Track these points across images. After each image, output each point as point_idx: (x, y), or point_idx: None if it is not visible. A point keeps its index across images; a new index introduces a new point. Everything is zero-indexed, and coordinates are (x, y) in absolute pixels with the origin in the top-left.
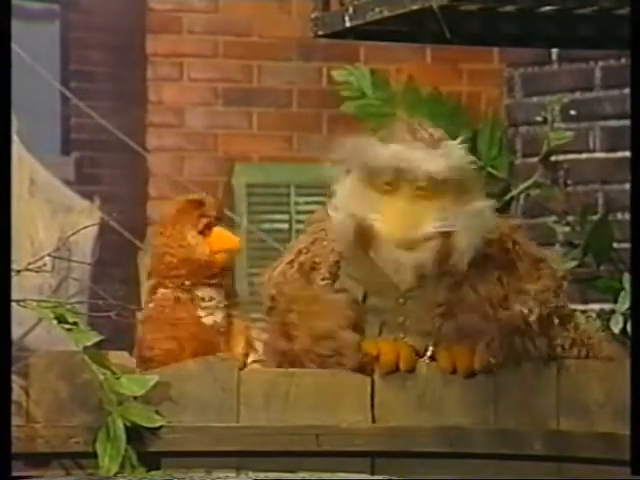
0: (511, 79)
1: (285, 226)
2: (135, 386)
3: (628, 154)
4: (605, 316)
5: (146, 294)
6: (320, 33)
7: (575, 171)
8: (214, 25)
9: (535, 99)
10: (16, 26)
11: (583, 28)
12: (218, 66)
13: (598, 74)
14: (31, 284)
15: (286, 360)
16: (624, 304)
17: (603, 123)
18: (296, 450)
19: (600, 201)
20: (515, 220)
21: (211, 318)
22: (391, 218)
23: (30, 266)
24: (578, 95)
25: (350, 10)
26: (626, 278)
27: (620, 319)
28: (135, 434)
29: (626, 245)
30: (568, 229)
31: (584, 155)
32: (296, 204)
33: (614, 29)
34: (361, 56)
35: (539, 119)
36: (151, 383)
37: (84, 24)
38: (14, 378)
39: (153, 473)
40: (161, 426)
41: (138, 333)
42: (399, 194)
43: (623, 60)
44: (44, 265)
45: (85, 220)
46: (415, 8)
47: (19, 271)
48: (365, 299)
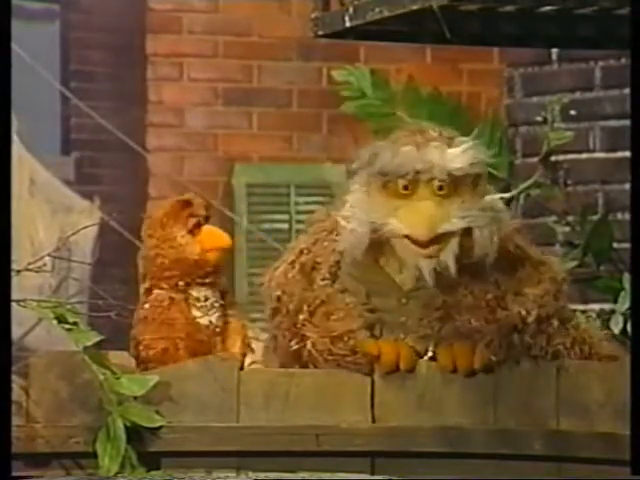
0: (511, 79)
1: (285, 226)
2: (135, 386)
3: (628, 154)
4: (605, 316)
5: (141, 296)
6: (320, 33)
7: (575, 171)
8: (214, 25)
9: (535, 99)
10: (16, 26)
11: (583, 28)
12: (218, 66)
13: (598, 74)
14: (31, 284)
15: (297, 360)
16: (624, 304)
17: (603, 123)
18: (296, 450)
19: (600, 201)
20: (516, 222)
21: (206, 318)
22: (412, 220)
23: (30, 266)
24: (578, 95)
25: (350, 10)
26: (626, 278)
27: (620, 319)
28: (135, 434)
29: (626, 245)
30: (568, 229)
31: (584, 155)
32: (296, 204)
33: (614, 29)
34: (361, 56)
35: (539, 119)
36: (151, 383)
37: (84, 24)
38: (14, 378)
39: (153, 473)
40: (161, 426)
41: (132, 333)
42: (417, 196)
43: (623, 60)
44: (44, 265)
45: (85, 220)
46: (415, 8)
47: (19, 271)
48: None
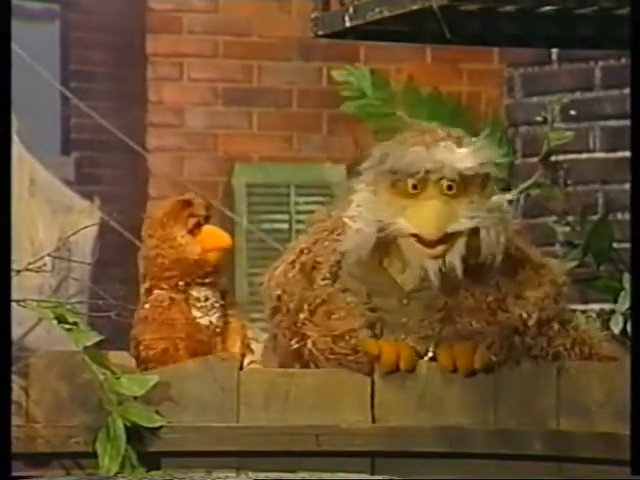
0: (511, 79)
1: (285, 226)
2: (135, 386)
3: (628, 154)
4: (605, 316)
5: (141, 296)
6: (320, 33)
7: (575, 171)
8: (214, 25)
9: (535, 99)
10: (16, 26)
11: (583, 28)
12: (218, 66)
13: (598, 74)
14: (31, 284)
15: (298, 359)
16: (624, 304)
17: (603, 123)
18: (296, 450)
19: (600, 201)
20: (516, 223)
21: (207, 318)
22: (420, 219)
23: (30, 266)
24: (578, 95)
25: (350, 10)
26: (626, 278)
27: (620, 319)
28: (135, 434)
29: (626, 245)
30: (568, 229)
31: (584, 155)
32: (296, 204)
33: (614, 29)
34: (361, 56)
35: (539, 119)
36: (151, 383)
37: (84, 24)
38: (14, 378)
39: (153, 473)
40: (161, 426)
41: (133, 333)
42: (425, 195)
43: (623, 60)
44: (44, 265)
45: (85, 220)
46: (415, 8)
47: (19, 271)
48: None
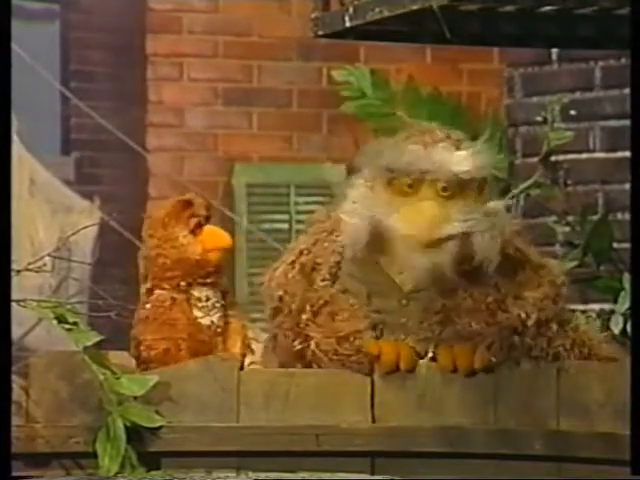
0: (511, 79)
1: (285, 226)
2: (135, 386)
3: (628, 154)
4: (605, 316)
5: (142, 296)
6: (320, 33)
7: (575, 171)
8: (214, 25)
9: (535, 99)
10: (16, 26)
11: (583, 28)
12: (218, 66)
13: (598, 74)
14: (31, 284)
15: (300, 360)
16: (624, 304)
17: (603, 123)
18: (296, 450)
19: (600, 201)
20: (515, 224)
21: (208, 318)
22: (412, 219)
23: (30, 266)
24: (578, 95)
25: (350, 10)
26: (626, 278)
27: (620, 319)
28: (135, 434)
29: (626, 245)
30: (568, 229)
31: (584, 155)
32: (296, 204)
33: (614, 29)
34: (361, 56)
35: (539, 119)
36: (151, 383)
37: (84, 24)
38: (14, 378)
39: (153, 473)
40: (161, 426)
41: (133, 333)
42: (420, 196)
43: (623, 60)
44: (44, 265)
45: (85, 220)
46: (415, 8)
47: (19, 271)
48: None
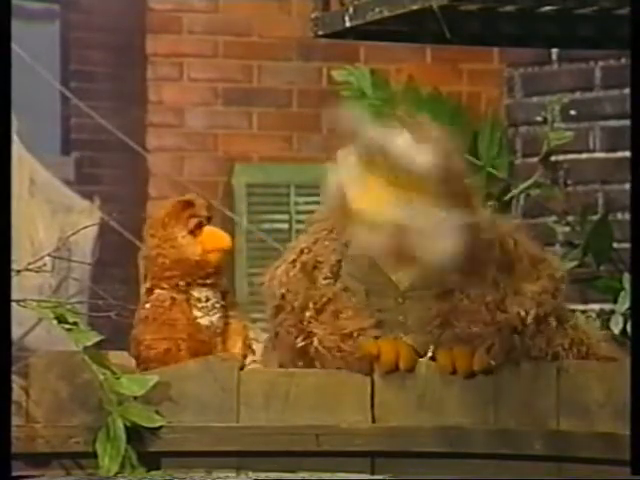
0: (511, 79)
1: (285, 226)
2: (135, 386)
3: (628, 154)
4: (605, 316)
5: (142, 296)
6: (320, 33)
7: (575, 171)
8: (214, 25)
9: (535, 99)
10: (16, 26)
11: (583, 28)
12: (218, 66)
13: (598, 74)
14: (31, 284)
15: (302, 357)
16: (624, 304)
17: (603, 123)
18: (296, 450)
19: (600, 201)
20: (515, 220)
21: (207, 319)
22: (363, 196)
23: (30, 266)
24: (578, 95)
25: (350, 10)
26: (626, 278)
27: (620, 319)
28: (135, 434)
29: (626, 245)
30: (568, 229)
31: (584, 155)
32: (296, 204)
33: (614, 29)
34: (361, 56)
35: (539, 119)
36: (151, 383)
37: (84, 24)
38: (14, 378)
39: (153, 473)
40: (161, 426)
41: (133, 333)
42: (379, 176)
43: (623, 60)
44: (44, 265)
45: (85, 220)
46: (415, 8)
47: (19, 271)
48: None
